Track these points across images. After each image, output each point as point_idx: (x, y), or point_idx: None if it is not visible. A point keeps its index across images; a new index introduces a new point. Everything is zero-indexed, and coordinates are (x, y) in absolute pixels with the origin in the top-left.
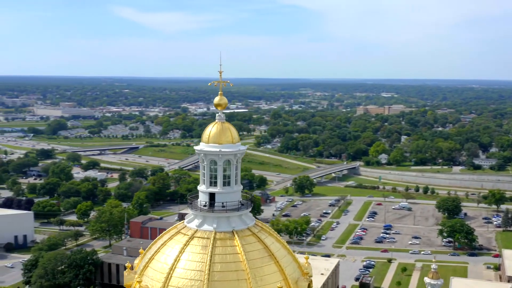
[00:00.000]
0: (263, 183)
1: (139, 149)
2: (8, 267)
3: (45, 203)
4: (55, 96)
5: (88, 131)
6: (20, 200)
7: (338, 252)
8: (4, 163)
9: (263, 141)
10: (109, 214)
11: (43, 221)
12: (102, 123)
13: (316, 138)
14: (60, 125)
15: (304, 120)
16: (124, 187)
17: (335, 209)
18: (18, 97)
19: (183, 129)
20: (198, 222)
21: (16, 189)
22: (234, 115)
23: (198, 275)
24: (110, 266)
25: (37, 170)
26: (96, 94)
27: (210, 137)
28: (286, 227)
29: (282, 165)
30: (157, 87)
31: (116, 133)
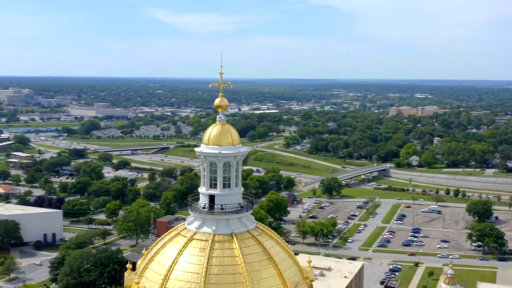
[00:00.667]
0: (291, 184)
1: (170, 149)
2: (37, 264)
3: (75, 202)
4: (89, 97)
5: (121, 131)
6: (51, 199)
7: (364, 255)
8: (37, 162)
9: (293, 142)
10: (136, 214)
11: (73, 220)
12: (135, 123)
13: (346, 139)
14: (93, 125)
15: (335, 121)
16: (153, 186)
17: (363, 211)
18: (54, 97)
19: None
20: (198, 224)
21: (48, 188)
22: (264, 115)
23: (195, 278)
24: (134, 265)
25: (69, 169)
26: (130, 94)
27: (210, 139)
28: (312, 229)
29: (311, 166)
30: (189, 88)
31: (148, 133)
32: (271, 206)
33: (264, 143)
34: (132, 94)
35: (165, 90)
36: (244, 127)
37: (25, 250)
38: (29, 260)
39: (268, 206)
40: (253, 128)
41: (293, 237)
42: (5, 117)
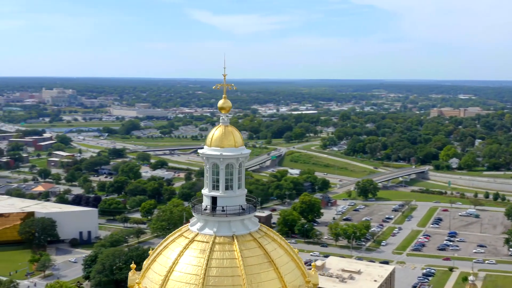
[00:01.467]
0: (326, 186)
1: None
2: (72, 262)
3: (111, 201)
4: (131, 97)
5: (160, 131)
6: (88, 197)
7: (398, 259)
8: (77, 161)
9: (330, 143)
10: (169, 213)
11: (109, 218)
12: (174, 123)
13: (384, 140)
14: (133, 125)
15: (374, 122)
16: (188, 186)
17: (398, 214)
18: (96, 98)
19: (250, 131)
20: (200, 225)
21: (87, 186)
22: (302, 116)
23: (193, 279)
24: None
25: (108, 168)
26: (170, 95)
27: (212, 141)
28: (345, 231)
29: (348, 168)
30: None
31: (186, 133)
32: (304, 208)
33: (301, 144)
34: (172, 95)
35: (205, 91)
36: (281, 128)
37: (61, 247)
38: (65, 257)
39: (301, 207)
40: (290, 129)
41: (325, 239)
42: (48, 117)
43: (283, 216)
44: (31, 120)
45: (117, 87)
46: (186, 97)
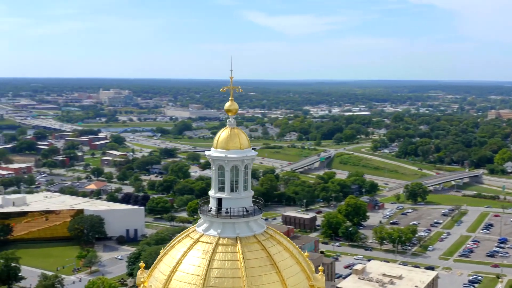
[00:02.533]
0: (374, 189)
1: (256, 150)
2: (118, 258)
3: (158, 200)
4: (185, 98)
5: (211, 132)
6: (137, 196)
7: (444, 265)
8: (129, 160)
9: (381, 145)
10: None
11: (156, 217)
12: (225, 124)
13: (437, 143)
14: (185, 125)
15: (428, 124)
16: None
17: (447, 219)
18: (152, 98)
19: (300, 132)
20: (205, 227)
21: (137, 185)
22: (353, 117)
23: (195, 279)
24: None
25: (158, 168)
26: (223, 96)
27: (218, 143)
28: (389, 235)
29: (398, 170)
30: (281, 90)
31: None
32: (350, 211)
33: (351, 146)
34: (225, 96)
35: (257, 92)
36: (331, 129)
37: (108, 244)
38: (111, 254)
39: (347, 210)
40: (341, 130)
41: (370, 243)
42: (105, 117)
43: (327, 218)
44: (88, 120)
45: (172, 88)
46: (238, 98)
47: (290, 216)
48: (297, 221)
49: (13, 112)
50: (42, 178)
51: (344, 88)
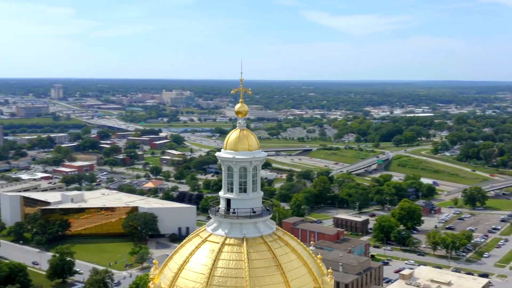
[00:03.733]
0: (431, 192)
1: (312, 151)
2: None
3: (212, 199)
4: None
5: (268, 132)
6: (191, 195)
7: (499, 272)
8: (187, 160)
9: (441, 148)
10: None
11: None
12: (282, 125)
13: (502, 146)
14: None
15: (492, 126)
16: (286, 187)
17: (506, 225)
18: (212, 99)
19: (358, 133)
20: (214, 226)
21: (193, 184)
22: (414, 119)
23: (199, 278)
24: None
25: (215, 167)
26: (283, 97)
27: (227, 144)
28: (443, 241)
29: (459, 174)
30: (342, 90)
31: (294, 135)
32: (403, 214)
33: (411, 148)
34: (285, 96)
35: (317, 92)
36: (391, 131)
37: (161, 241)
38: (163, 251)
39: (400, 214)
40: (400, 132)
41: (423, 248)
42: (167, 117)
43: (379, 222)
44: (151, 120)
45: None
46: (298, 99)
47: (342, 218)
48: (349, 223)
49: (80, 112)
50: (103, 176)
51: (407, 89)
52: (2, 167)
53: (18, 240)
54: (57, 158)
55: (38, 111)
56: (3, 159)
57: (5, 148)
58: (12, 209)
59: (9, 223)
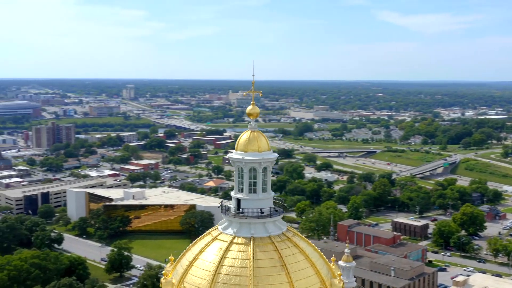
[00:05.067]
0: (498, 197)
1: (376, 153)
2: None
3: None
4: (310, 100)
5: (332, 133)
6: None
7: None
8: None
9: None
10: (318, 215)
11: None
12: (347, 126)
13: None
14: (306, 127)
15: None
16: (345, 190)
17: None
18: (278, 100)
19: (425, 135)
20: (224, 225)
21: None
22: (485, 121)
23: (206, 275)
24: None
25: (275, 168)
26: (350, 98)
27: (238, 145)
28: (504, 248)
29: None
30: (412, 91)
31: (358, 136)
32: (465, 220)
33: (480, 152)
34: (352, 97)
35: (386, 93)
36: (459, 133)
37: None
38: None
39: (462, 219)
40: (469, 135)
41: (484, 255)
42: (232, 118)
43: (439, 227)
44: (217, 120)
45: (299, 90)
46: (365, 100)
47: (400, 222)
48: (407, 228)
49: (149, 112)
50: (167, 174)
51: (481, 90)
52: (73, 164)
53: (81, 234)
54: (125, 156)
55: (110, 111)
56: (74, 157)
57: (76, 146)
58: (78, 205)
59: (74, 218)
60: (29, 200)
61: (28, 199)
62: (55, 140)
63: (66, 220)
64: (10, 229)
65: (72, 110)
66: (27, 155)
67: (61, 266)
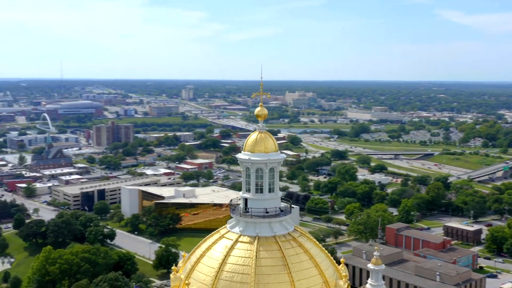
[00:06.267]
0: None
1: (434, 156)
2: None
3: (318, 200)
4: (369, 100)
5: (389, 135)
6: (298, 195)
7: None
8: (300, 161)
9: None
10: (367, 217)
11: (316, 217)
12: (405, 127)
13: None
14: (363, 128)
15: None
16: (397, 193)
17: None
18: (335, 101)
19: (486, 138)
20: (232, 224)
21: (303, 185)
22: None
23: (210, 271)
24: (347, 266)
25: (327, 169)
26: (410, 98)
27: (246, 146)
28: None
29: None
30: (475, 92)
31: (416, 138)
32: None
33: None
34: (412, 98)
35: (448, 94)
36: None
37: None
38: None
39: None
40: None
41: None
42: (288, 118)
43: (492, 232)
44: (272, 120)
45: (357, 90)
46: (425, 101)
47: (452, 227)
48: (459, 232)
49: (207, 112)
50: (220, 174)
51: None
52: (130, 163)
53: (133, 231)
54: (180, 155)
55: (169, 111)
56: (132, 155)
57: (134, 145)
58: (131, 202)
59: (127, 215)
60: (85, 197)
61: (85, 196)
62: (114, 139)
63: (119, 217)
64: (66, 224)
65: (133, 110)
66: (88, 153)
67: (110, 261)
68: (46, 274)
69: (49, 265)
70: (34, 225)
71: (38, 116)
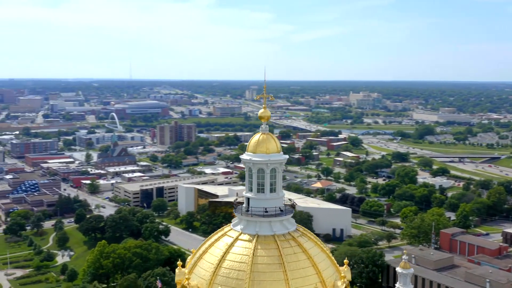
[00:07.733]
0: None
1: (501, 159)
2: None
3: (373, 203)
4: (437, 101)
5: (454, 137)
6: (353, 197)
7: None
8: (359, 162)
9: None
10: (420, 221)
11: (370, 220)
12: (472, 130)
13: None
14: (427, 130)
15: None
16: (457, 196)
17: None
18: (401, 101)
19: None
20: (235, 222)
21: (361, 187)
22: None
23: (210, 267)
24: (395, 271)
25: (387, 171)
26: (480, 100)
27: (249, 146)
28: None
29: None
30: None
31: (483, 141)
32: None
33: None
34: (482, 99)
35: None
36: None
37: None
38: None
39: None
40: None
41: None
42: (351, 119)
43: None
44: (335, 121)
45: (424, 91)
46: (497, 102)
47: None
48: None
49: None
50: None
51: None
52: (191, 162)
53: (188, 228)
54: (239, 155)
55: (232, 111)
56: (193, 154)
57: (195, 144)
58: (187, 200)
59: (183, 212)
60: (145, 194)
61: (144, 193)
62: (177, 138)
63: (176, 214)
64: (123, 219)
65: (197, 110)
66: (151, 152)
67: (161, 257)
68: (100, 267)
69: (103, 259)
70: (94, 220)
71: (107, 116)
